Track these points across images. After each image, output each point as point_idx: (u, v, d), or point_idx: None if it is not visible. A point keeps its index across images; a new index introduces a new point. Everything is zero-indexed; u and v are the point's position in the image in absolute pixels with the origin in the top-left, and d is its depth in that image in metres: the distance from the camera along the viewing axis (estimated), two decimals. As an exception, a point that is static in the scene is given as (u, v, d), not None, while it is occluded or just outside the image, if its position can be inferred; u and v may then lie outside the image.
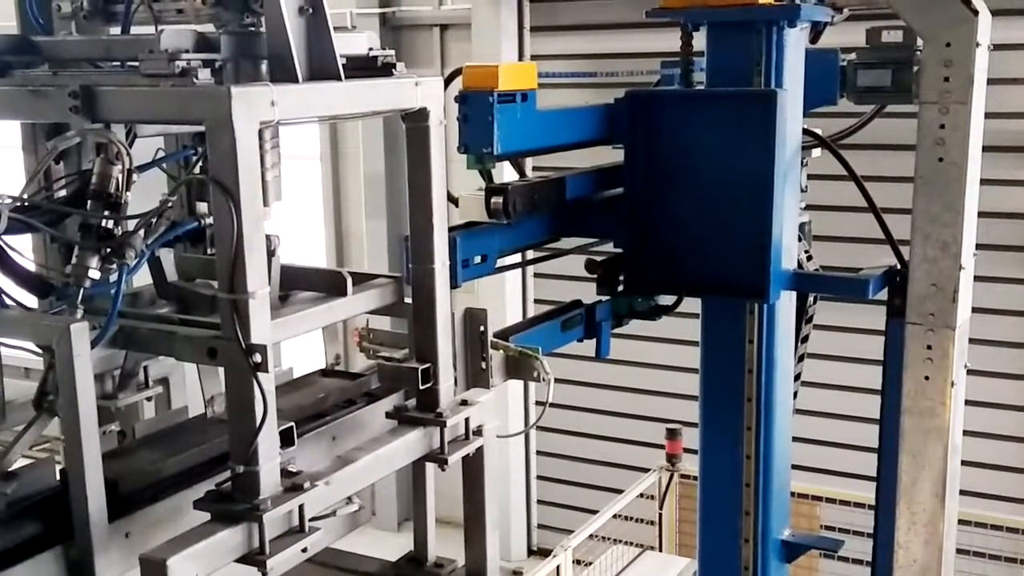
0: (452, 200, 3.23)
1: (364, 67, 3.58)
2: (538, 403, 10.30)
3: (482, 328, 4.08)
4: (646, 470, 8.56)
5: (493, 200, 3.18)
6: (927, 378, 3.63)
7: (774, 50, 3.62)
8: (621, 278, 3.78)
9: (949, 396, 3.64)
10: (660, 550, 8.39)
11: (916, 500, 3.71)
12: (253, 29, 3.34)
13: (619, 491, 8.34)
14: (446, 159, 3.68)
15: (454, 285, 3.20)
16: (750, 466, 3.96)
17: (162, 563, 2.80)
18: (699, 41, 10.08)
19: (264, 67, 3.34)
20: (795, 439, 4.50)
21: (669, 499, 8.40)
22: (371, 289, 3.81)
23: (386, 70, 3.61)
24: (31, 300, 3.44)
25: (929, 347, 3.61)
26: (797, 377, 4.34)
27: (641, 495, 8.27)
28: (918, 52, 3.98)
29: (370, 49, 3.64)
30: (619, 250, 3.79)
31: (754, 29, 3.61)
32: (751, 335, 3.88)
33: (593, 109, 3.61)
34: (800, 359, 4.21)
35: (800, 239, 4.40)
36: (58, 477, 3.12)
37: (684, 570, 7.90)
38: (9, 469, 3.12)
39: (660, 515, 8.40)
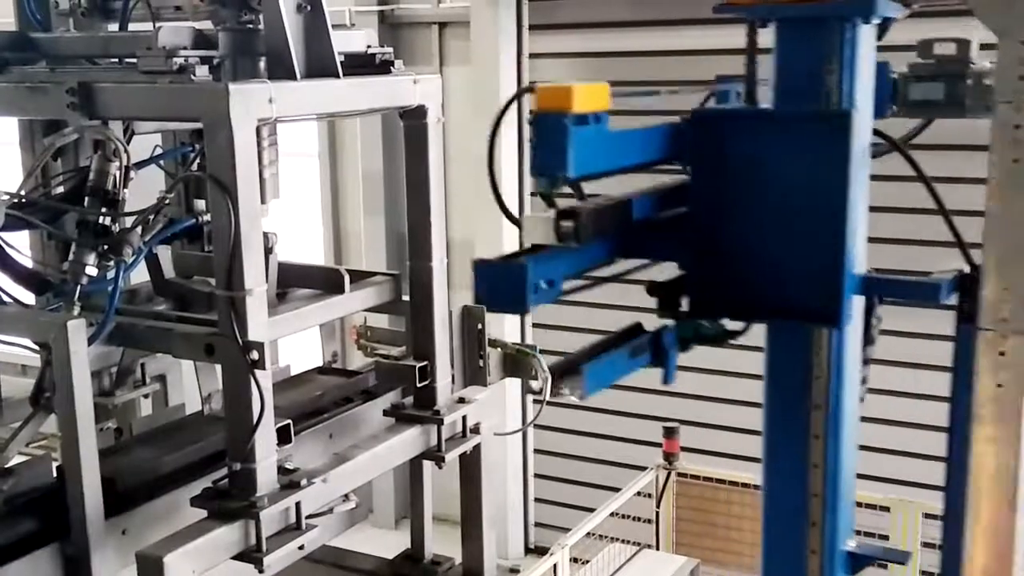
0: (514, 221, 3.13)
1: (362, 65, 3.58)
2: (535, 401, 10.31)
3: (480, 326, 4.08)
4: (643, 468, 8.56)
5: (563, 224, 3.03)
6: (1000, 386, 3.55)
7: (847, 47, 3.50)
8: (683, 300, 3.65)
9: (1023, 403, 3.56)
10: (657, 548, 8.39)
11: (986, 510, 3.64)
12: (251, 26, 3.33)
13: (616, 489, 8.34)
14: (444, 158, 3.69)
15: (524, 311, 3.09)
16: (817, 475, 3.84)
17: (159, 560, 2.80)
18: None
19: (262, 64, 3.34)
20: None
21: (666, 497, 8.40)
22: (369, 287, 3.81)
23: (384, 68, 3.61)
24: (28, 297, 3.44)
25: (1002, 353, 3.52)
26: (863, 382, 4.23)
27: (638, 493, 8.27)
28: (972, 65, 3.89)
29: (368, 47, 3.64)
30: (681, 271, 3.68)
31: (826, 25, 3.48)
32: (820, 340, 3.79)
33: (660, 128, 3.48)
34: (865, 363, 4.10)
35: None
36: (55, 474, 3.12)
37: (681, 568, 7.90)
38: (6, 466, 3.12)
39: (657, 513, 8.40)
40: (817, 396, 3.77)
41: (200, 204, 3.63)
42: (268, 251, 3.32)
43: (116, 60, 3.66)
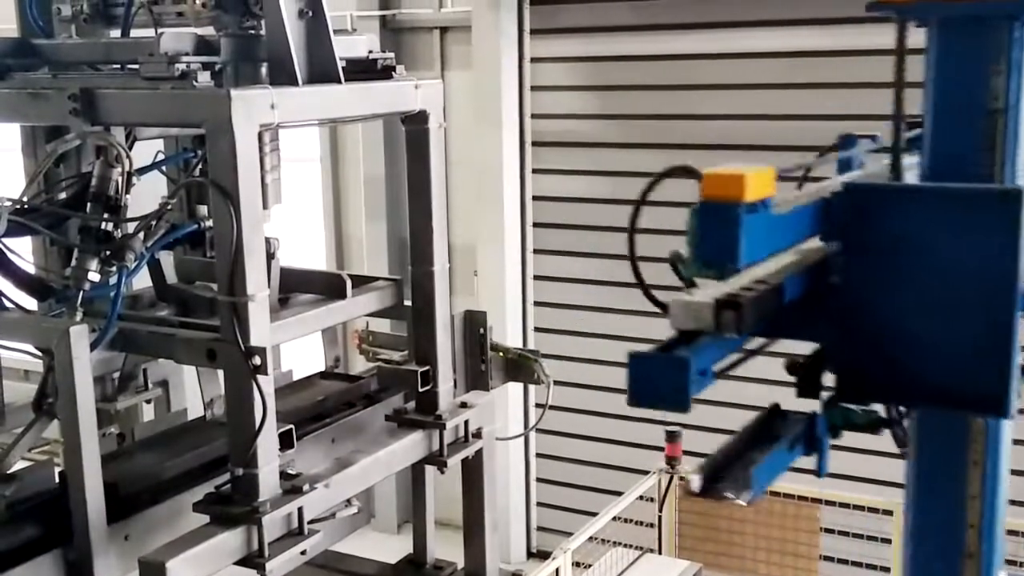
0: (659, 305, 2.96)
1: (364, 70, 3.58)
2: (538, 405, 10.29)
3: (482, 330, 4.08)
4: (645, 472, 8.55)
5: (724, 314, 2.85)
6: None
7: (1016, 48, 3.34)
8: (823, 380, 3.50)
9: None
10: (659, 552, 8.38)
11: None
12: (253, 32, 3.34)
13: (618, 493, 8.33)
14: (446, 163, 3.70)
15: (685, 409, 2.90)
16: (975, 506, 3.69)
17: (161, 566, 2.80)
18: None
19: (264, 70, 3.34)
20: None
21: (668, 501, 8.39)
22: (371, 292, 3.81)
23: (386, 73, 3.61)
24: (31, 303, 3.44)
25: None
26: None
27: (640, 497, 8.26)
28: None
29: (370, 52, 3.65)
30: (819, 348, 3.53)
31: (991, 25, 3.34)
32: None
33: (811, 205, 3.32)
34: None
35: None
36: (57, 479, 3.12)
37: (683, 572, 7.89)
38: (9, 471, 3.13)
39: (659, 517, 8.39)
40: (976, 422, 3.57)
41: (202, 209, 3.63)
42: (270, 256, 3.33)
43: (118, 66, 3.66)
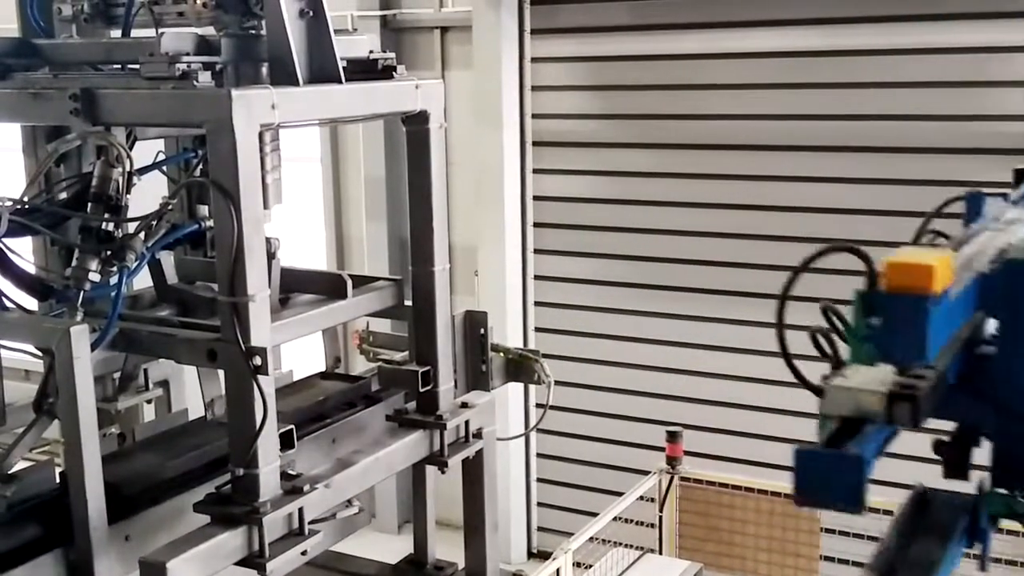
0: (814, 390, 2.81)
1: (365, 70, 3.59)
2: (538, 405, 10.29)
3: (482, 330, 4.08)
4: (646, 472, 8.55)
5: (899, 407, 2.67)
6: None
7: None
8: (971, 461, 3.36)
9: None
10: (660, 553, 8.38)
11: None
12: (254, 32, 3.34)
13: (619, 494, 8.32)
14: (447, 163, 3.70)
15: (860, 510, 2.70)
16: None
17: (162, 566, 2.80)
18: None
19: (265, 70, 3.34)
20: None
21: (669, 502, 8.39)
22: (371, 292, 3.81)
23: (386, 73, 3.61)
24: (31, 303, 3.44)
25: None
26: None
27: (641, 498, 8.25)
28: None
29: (370, 52, 3.65)
30: (961, 426, 3.37)
31: None
32: None
33: (975, 283, 3.17)
34: None
35: None
36: (58, 480, 3.12)
37: (684, 573, 7.89)
38: (9, 472, 3.13)
39: (660, 518, 8.39)
40: None
41: (203, 210, 3.63)
42: (271, 256, 3.33)
43: (119, 66, 3.66)
